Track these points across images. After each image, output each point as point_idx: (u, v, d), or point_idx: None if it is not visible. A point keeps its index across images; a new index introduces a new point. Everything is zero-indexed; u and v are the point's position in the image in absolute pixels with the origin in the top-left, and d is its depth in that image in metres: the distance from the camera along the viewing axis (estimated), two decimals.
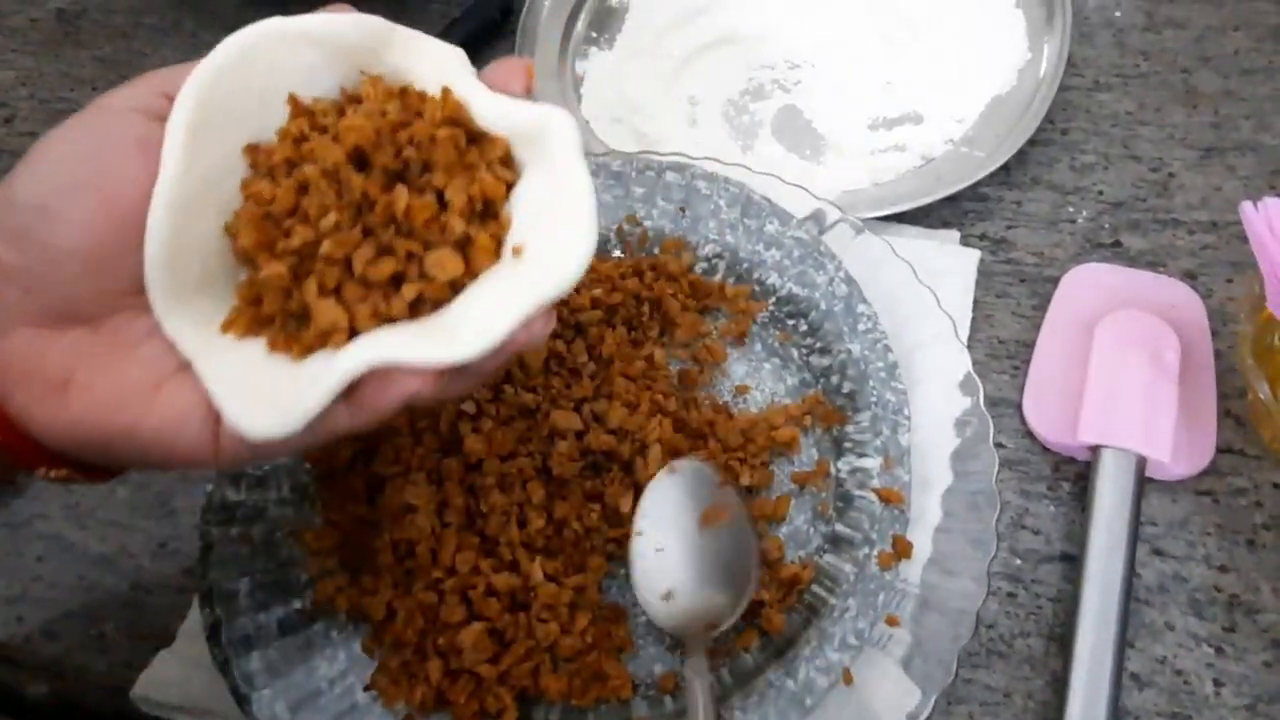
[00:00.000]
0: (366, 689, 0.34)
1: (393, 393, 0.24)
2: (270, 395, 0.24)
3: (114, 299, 0.26)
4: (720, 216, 0.43)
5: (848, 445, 0.37)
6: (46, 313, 0.25)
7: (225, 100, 0.27)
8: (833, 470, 0.37)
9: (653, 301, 0.40)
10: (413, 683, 0.33)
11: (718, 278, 0.42)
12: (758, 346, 0.41)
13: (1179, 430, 0.40)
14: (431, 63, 0.28)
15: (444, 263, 0.24)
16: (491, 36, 0.58)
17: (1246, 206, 0.38)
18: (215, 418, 0.25)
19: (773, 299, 0.41)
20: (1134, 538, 0.38)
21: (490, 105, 0.27)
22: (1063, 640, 0.37)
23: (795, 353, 0.40)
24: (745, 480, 0.36)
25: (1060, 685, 0.35)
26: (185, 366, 0.25)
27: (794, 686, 0.33)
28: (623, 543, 0.35)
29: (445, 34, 0.56)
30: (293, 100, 0.27)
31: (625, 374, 0.37)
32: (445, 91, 0.26)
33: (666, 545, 0.34)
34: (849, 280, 0.40)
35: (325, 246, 0.24)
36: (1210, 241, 0.46)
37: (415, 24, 0.29)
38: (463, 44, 0.57)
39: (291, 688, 0.34)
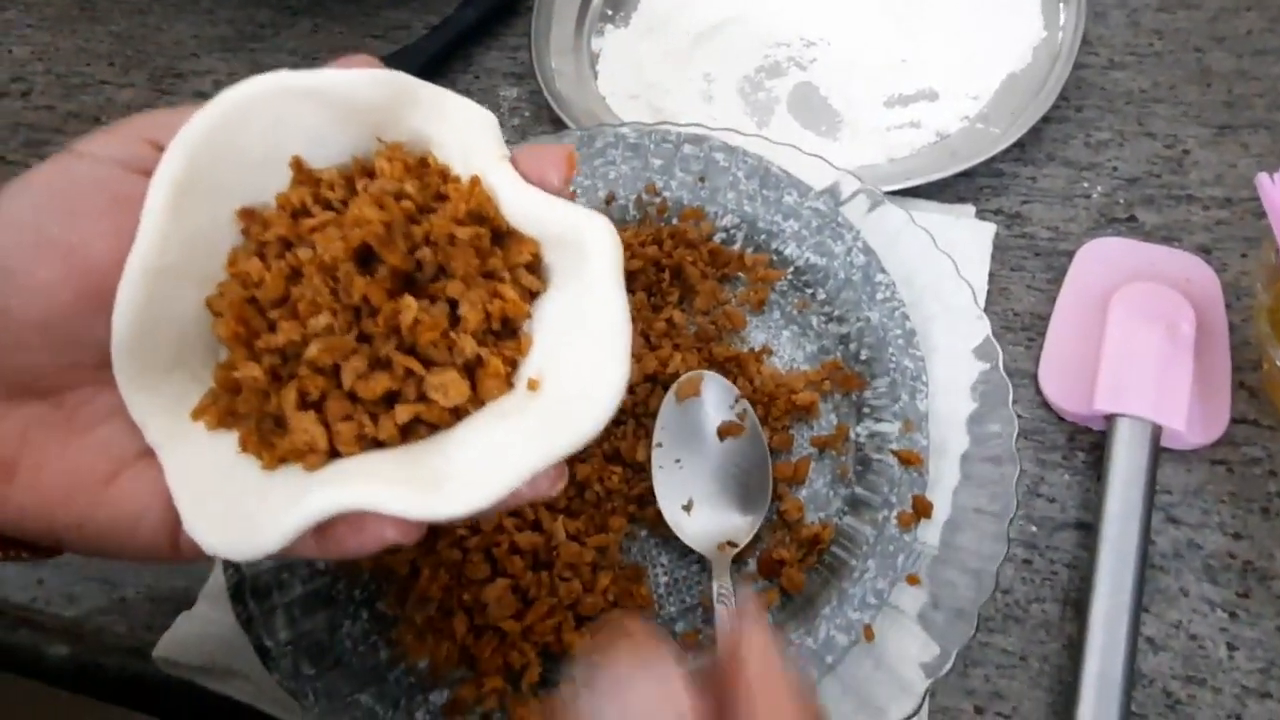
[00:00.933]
0: (390, 645, 0.34)
1: (365, 539, 0.21)
2: (234, 510, 0.21)
3: (77, 372, 0.23)
4: (739, 188, 0.43)
5: (866, 410, 0.38)
6: (1, 384, 0.22)
7: (220, 157, 0.23)
8: (852, 434, 0.37)
9: (672, 269, 0.40)
10: (437, 638, 0.33)
11: (736, 247, 0.42)
12: (776, 314, 0.41)
13: (1194, 400, 0.40)
14: (458, 130, 0.24)
15: (448, 387, 0.21)
16: (507, 13, 0.58)
17: (1263, 178, 0.39)
18: (175, 515, 0.22)
19: (791, 269, 0.42)
20: (1149, 504, 0.38)
21: (522, 200, 0.23)
22: (1078, 605, 0.37)
23: (814, 320, 0.40)
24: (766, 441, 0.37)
25: (1075, 649, 0.36)
26: (148, 452, 0.23)
27: (814, 645, 0.33)
28: (644, 501, 0.36)
29: (461, 11, 0.57)
30: (296, 164, 0.24)
31: (644, 333, 0.38)
32: (474, 182, 0.23)
33: (685, 458, 0.35)
34: (867, 250, 0.41)
35: (312, 350, 0.21)
36: (1224, 217, 0.47)
37: (431, 3, 0.27)
38: (478, 22, 0.57)
39: (315, 645, 0.34)
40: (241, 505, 0.21)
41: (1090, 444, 0.41)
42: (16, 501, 0.22)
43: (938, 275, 0.39)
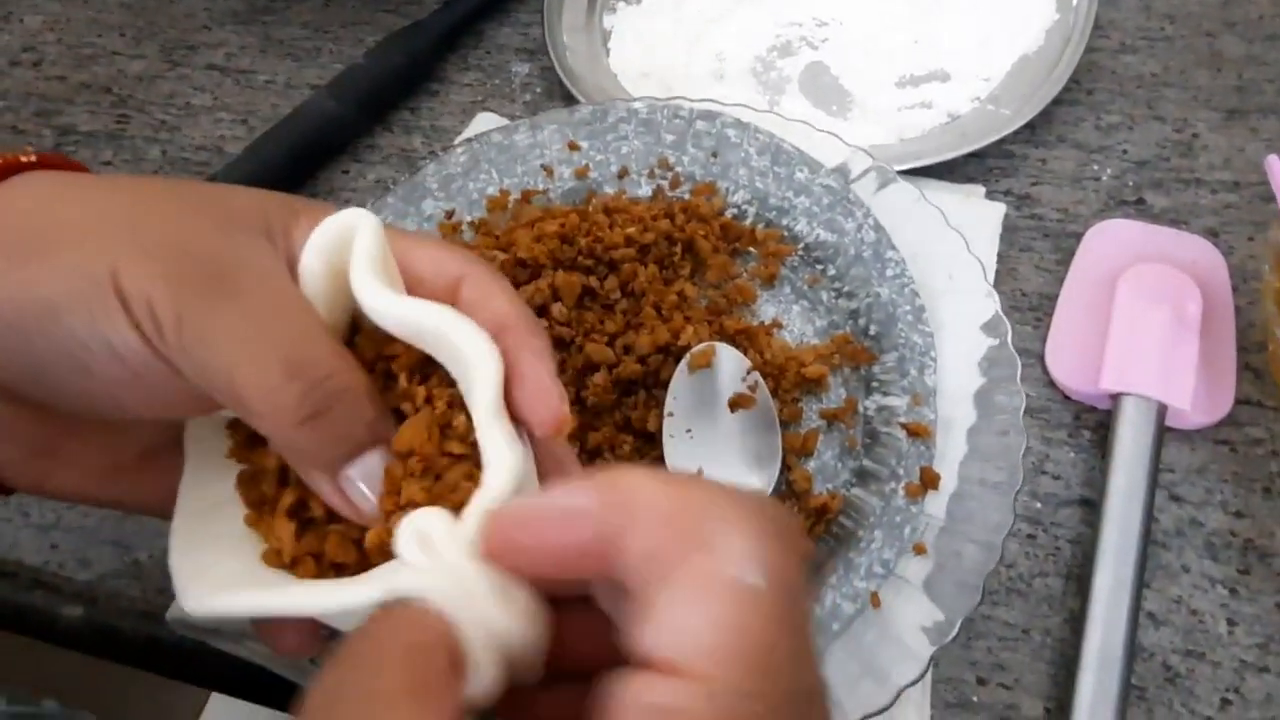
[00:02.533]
0: None
1: (278, 645, 0.24)
2: (208, 563, 0.22)
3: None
4: (750, 164, 0.44)
5: (875, 384, 0.38)
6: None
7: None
8: (860, 407, 0.38)
9: (684, 242, 0.41)
10: None
11: (748, 223, 0.43)
12: (787, 289, 0.41)
13: (1199, 380, 0.41)
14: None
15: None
16: None
17: (1272, 160, 0.39)
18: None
19: (801, 245, 0.42)
20: (1153, 482, 0.38)
21: (396, 307, 0.23)
22: (1080, 580, 0.38)
23: (824, 295, 0.41)
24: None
25: (1077, 623, 0.36)
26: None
27: (820, 613, 0.33)
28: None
29: None
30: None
31: (656, 305, 0.38)
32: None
33: (696, 427, 0.35)
34: (877, 227, 0.41)
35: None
36: (1233, 201, 0.47)
37: None
38: None
39: None
40: (218, 563, 0.22)
41: (1095, 423, 0.42)
42: None
43: (948, 252, 0.39)
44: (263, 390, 0.21)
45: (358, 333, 0.24)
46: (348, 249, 0.23)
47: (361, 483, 0.22)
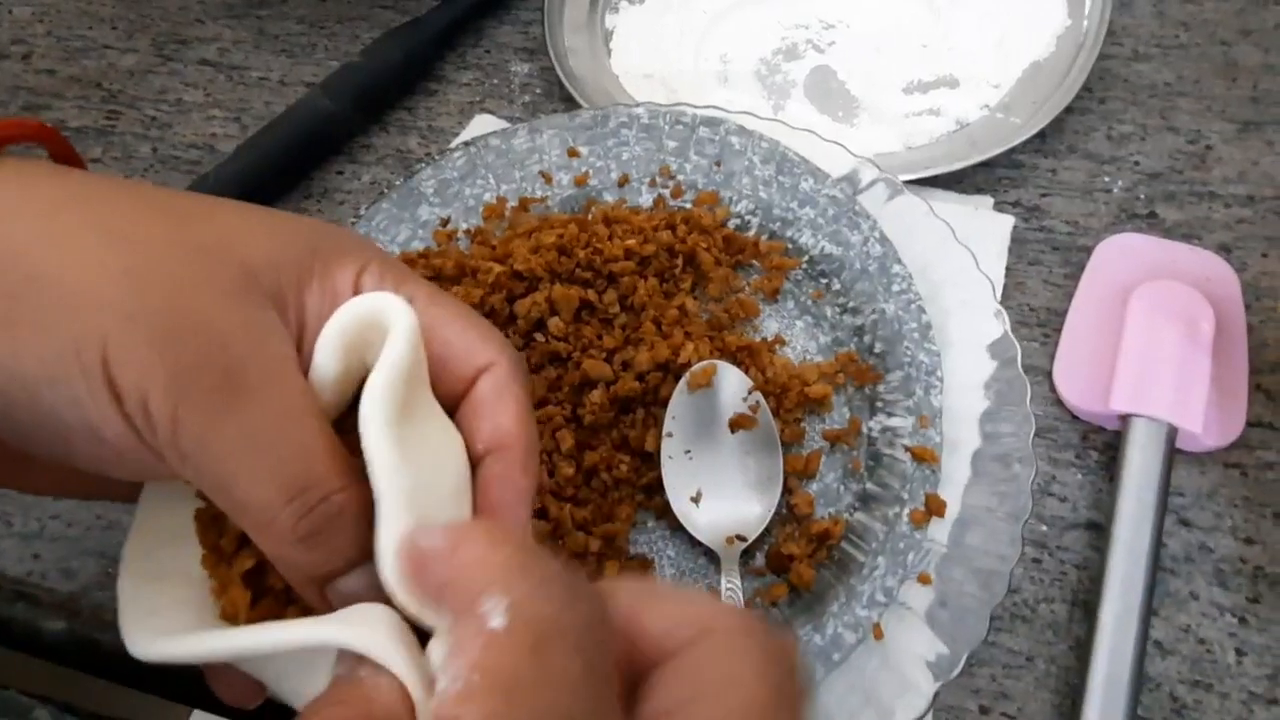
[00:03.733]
0: None
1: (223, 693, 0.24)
2: (156, 598, 0.22)
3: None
4: (754, 173, 0.42)
5: (879, 404, 0.37)
6: None
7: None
8: (864, 428, 0.37)
9: (685, 255, 0.39)
10: None
11: (751, 234, 0.42)
12: (790, 303, 0.40)
13: (1210, 402, 0.40)
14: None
15: None
16: None
17: None
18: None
19: (806, 257, 0.41)
20: (1163, 506, 0.38)
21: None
22: (1086, 606, 0.37)
23: (828, 311, 0.40)
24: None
25: (1083, 650, 0.35)
26: None
27: (821, 641, 0.32)
28: (652, 490, 0.35)
29: None
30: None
31: (656, 319, 0.37)
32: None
33: (695, 449, 0.35)
34: (884, 240, 0.40)
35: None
36: (1246, 215, 0.46)
37: None
38: None
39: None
40: (168, 602, 0.22)
41: (1103, 443, 0.41)
42: None
43: (956, 268, 0.38)
44: (260, 509, 0.20)
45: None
46: (369, 340, 0.21)
47: (349, 595, 0.21)
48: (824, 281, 0.40)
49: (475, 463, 0.22)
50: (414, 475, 0.20)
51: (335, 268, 0.23)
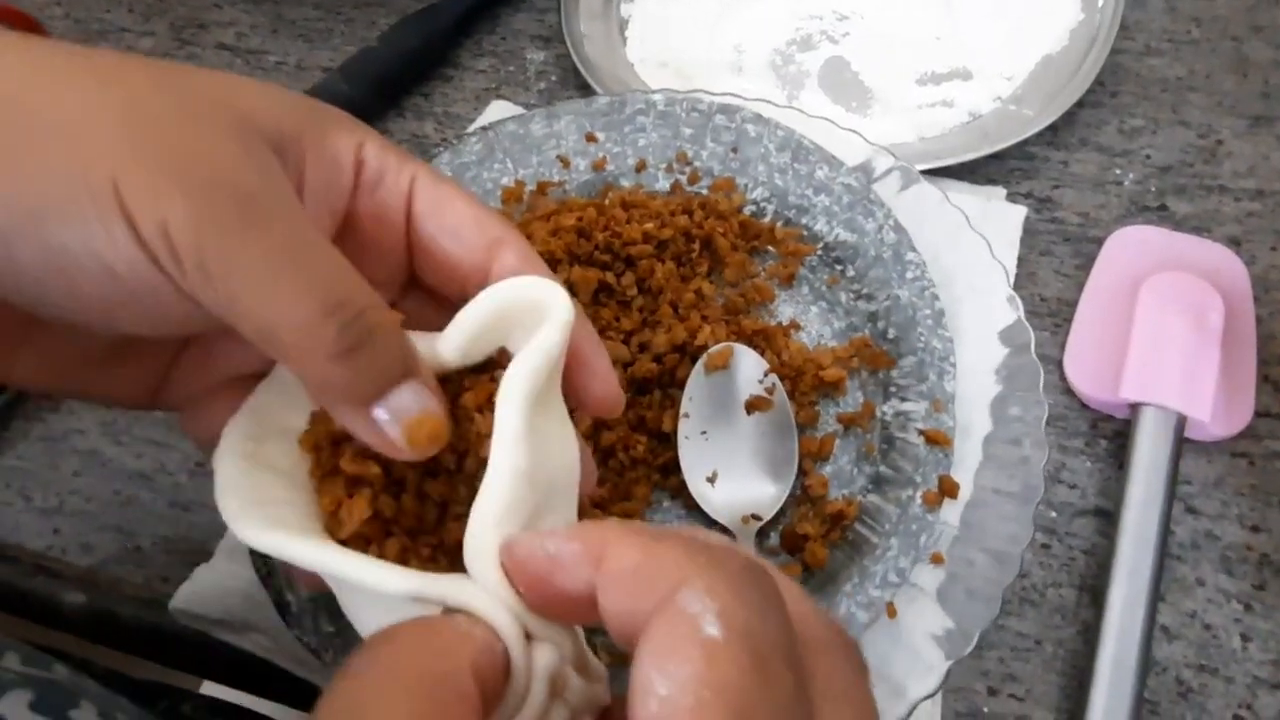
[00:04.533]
0: None
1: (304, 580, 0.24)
2: (268, 504, 0.22)
3: None
4: (770, 160, 0.43)
5: (893, 389, 0.38)
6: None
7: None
8: (878, 412, 0.37)
9: (702, 239, 0.40)
10: None
11: (767, 220, 0.42)
12: (805, 289, 0.41)
13: (1219, 392, 0.40)
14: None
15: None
16: None
17: None
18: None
19: (821, 244, 0.41)
20: (1171, 494, 0.38)
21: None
22: (1094, 591, 0.38)
23: (843, 296, 0.40)
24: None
25: (1090, 634, 0.36)
26: None
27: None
28: (668, 470, 0.36)
29: None
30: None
31: (673, 302, 0.37)
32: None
33: (711, 430, 0.35)
34: (898, 228, 0.40)
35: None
36: (1256, 209, 0.46)
37: None
38: None
39: (334, 599, 0.34)
40: (272, 497, 0.22)
41: (1113, 432, 0.41)
42: None
43: (970, 256, 0.39)
44: (298, 326, 0.20)
45: None
46: (519, 320, 0.22)
47: (394, 418, 0.21)
48: (839, 268, 0.41)
49: None
50: (531, 458, 0.20)
51: (333, 136, 0.23)
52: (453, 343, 0.22)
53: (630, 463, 0.36)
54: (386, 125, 0.53)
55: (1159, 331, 0.41)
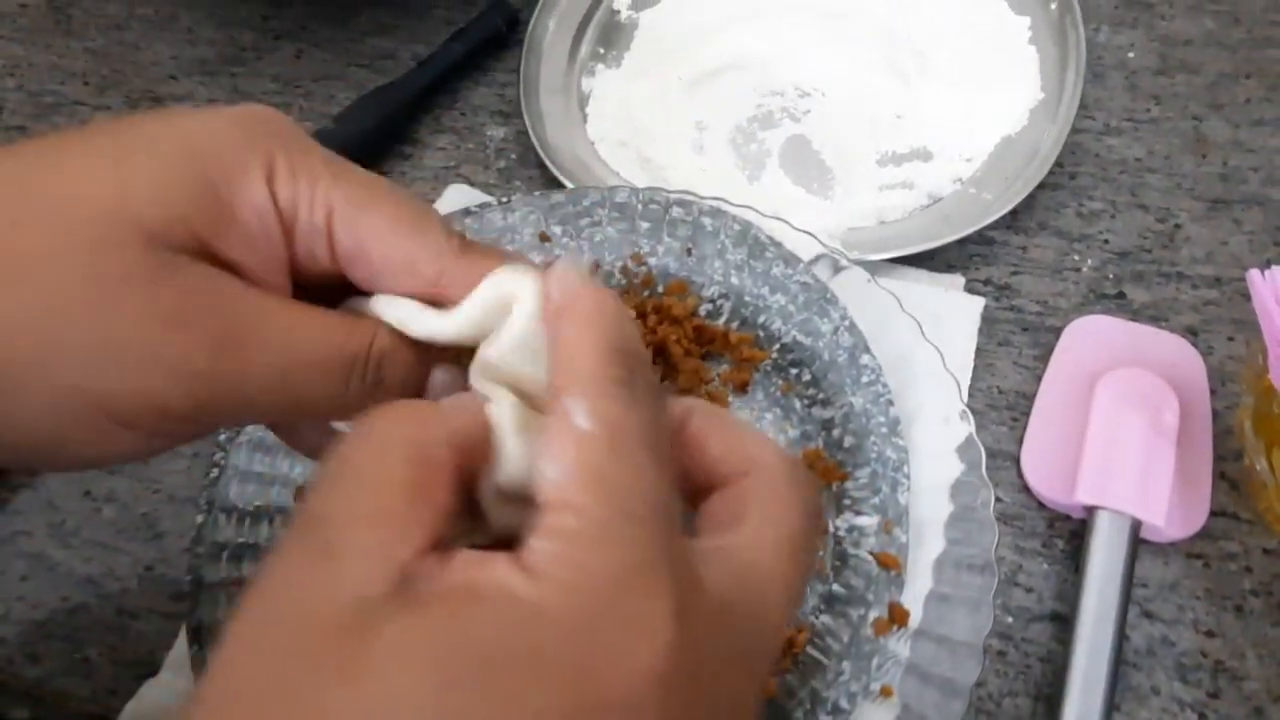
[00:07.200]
0: None
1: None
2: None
3: None
4: (726, 256, 0.43)
5: (846, 502, 0.37)
6: None
7: None
8: (831, 528, 0.37)
9: (656, 346, 0.40)
10: None
11: (722, 320, 0.42)
12: (760, 395, 0.40)
13: (1174, 493, 0.40)
14: None
15: None
16: (497, 48, 0.57)
17: (1254, 274, 0.38)
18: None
19: (776, 345, 0.41)
20: (1125, 601, 0.38)
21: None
22: (1050, 701, 0.37)
23: (797, 403, 0.40)
24: None
25: None
26: None
27: None
28: None
29: (449, 44, 0.55)
30: None
31: None
32: None
33: None
34: (853, 330, 0.40)
35: None
36: (1213, 298, 0.46)
37: (418, 32, 0.26)
38: (466, 57, 0.56)
39: None
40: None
41: (1070, 531, 0.41)
42: None
43: (923, 364, 0.39)
44: (331, 398, 0.22)
45: None
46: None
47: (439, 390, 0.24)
48: (794, 372, 0.40)
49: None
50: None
51: (241, 189, 0.21)
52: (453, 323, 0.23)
53: None
54: None
55: (1114, 432, 0.41)
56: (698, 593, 0.18)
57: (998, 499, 0.41)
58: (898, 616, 0.34)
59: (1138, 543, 0.39)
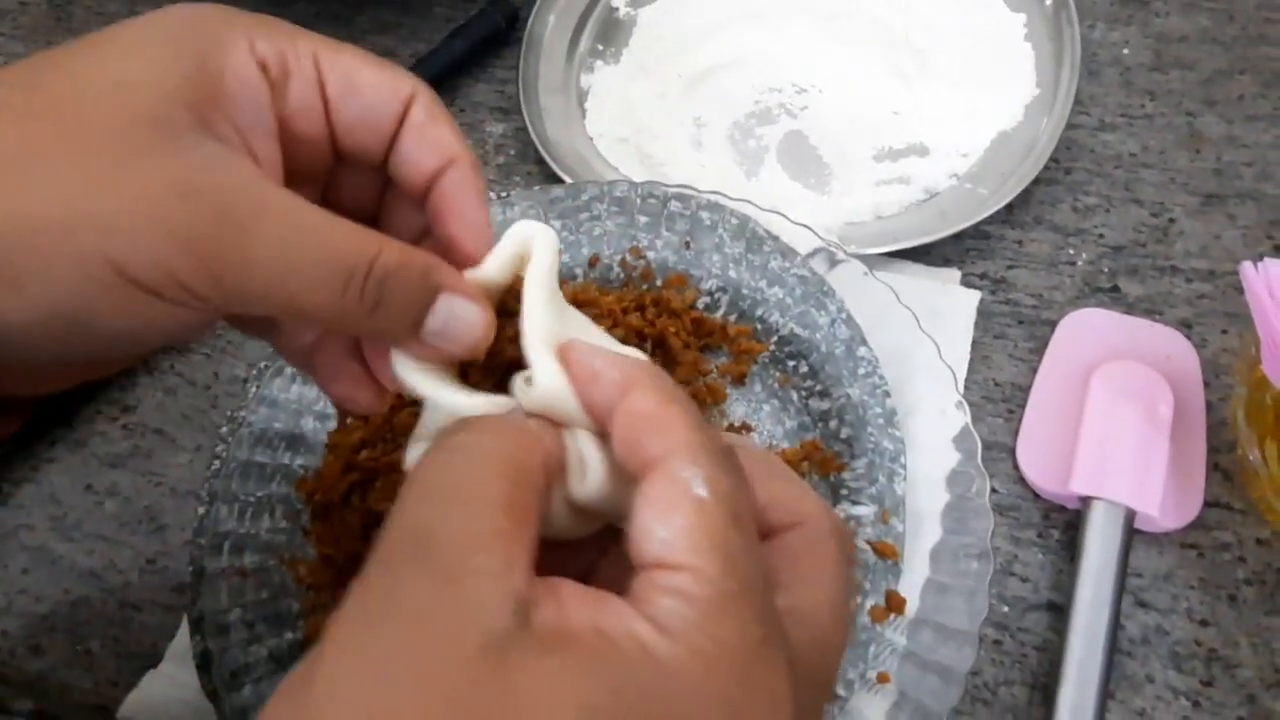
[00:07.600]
0: None
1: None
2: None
3: None
4: (724, 250, 0.43)
5: (844, 492, 0.38)
6: None
7: None
8: None
9: (655, 338, 0.40)
10: None
11: (719, 314, 0.42)
12: (758, 387, 0.41)
13: (1168, 484, 0.40)
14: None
15: None
16: (497, 45, 0.57)
17: (1247, 267, 0.39)
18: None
19: (774, 338, 0.41)
20: (1120, 591, 0.38)
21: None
22: (1046, 690, 0.38)
23: (795, 395, 0.40)
24: None
25: None
26: None
27: None
28: None
29: (449, 41, 0.56)
30: None
31: None
32: None
33: None
34: (850, 322, 0.40)
35: None
36: (1207, 291, 0.47)
37: (419, 29, 0.26)
38: (466, 54, 0.56)
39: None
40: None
41: (1065, 522, 0.42)
42: None
43: (919, 356, 0.39)
44: (322, 311, 0.22)
45: None
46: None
47: (442, 330, 0.23)
48: (792, 364, 0.41)
49: (428, 188, 0.24)
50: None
51: (229, 59, 0.23)
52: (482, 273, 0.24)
53: None
54: None
55: (1109, 423, 0.41)
56: (796, 662, 0.19)
57: (993, 490, 0.41)
58: (895, 604, 0.34)
59: (1132, 533, 0.40)
